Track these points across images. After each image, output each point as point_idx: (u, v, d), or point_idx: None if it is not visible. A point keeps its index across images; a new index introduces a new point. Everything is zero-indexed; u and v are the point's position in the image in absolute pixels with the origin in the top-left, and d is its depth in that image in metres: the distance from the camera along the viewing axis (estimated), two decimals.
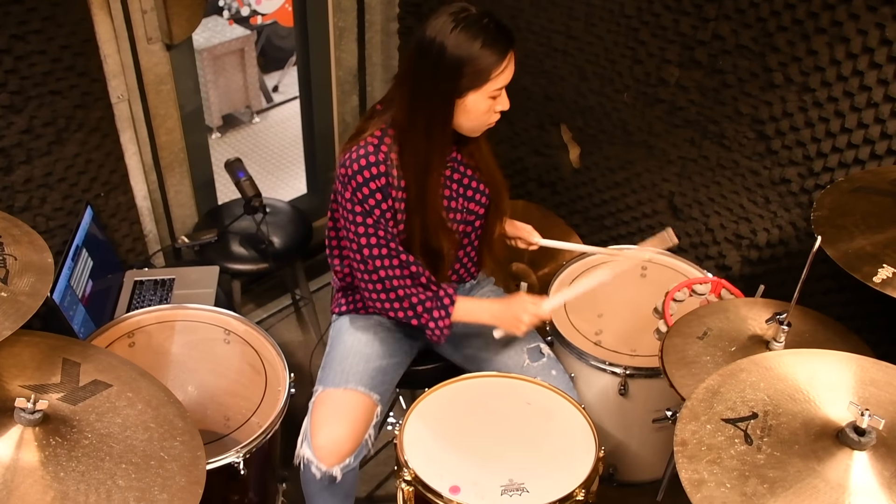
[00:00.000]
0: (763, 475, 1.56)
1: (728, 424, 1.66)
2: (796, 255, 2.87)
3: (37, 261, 1.89)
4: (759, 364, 1.79)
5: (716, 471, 1.58)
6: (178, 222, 3.57)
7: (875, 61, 2.46)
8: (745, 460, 1.59)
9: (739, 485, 1.55)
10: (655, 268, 2.94)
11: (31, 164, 2.80)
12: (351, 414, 2.42)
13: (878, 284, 2.02)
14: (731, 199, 3.00)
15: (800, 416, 1.66)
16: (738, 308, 2.33)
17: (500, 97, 2.26)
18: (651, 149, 3.14)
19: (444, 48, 2.14)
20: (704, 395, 1.73)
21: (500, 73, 2.19)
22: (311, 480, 2.44)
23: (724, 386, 1.74)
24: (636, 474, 2.85)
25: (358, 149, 2.28)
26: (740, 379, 1.76)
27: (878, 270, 2.04)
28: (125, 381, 1.89)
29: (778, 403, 1.69)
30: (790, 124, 2.72)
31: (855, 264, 2.07)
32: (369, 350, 2.55)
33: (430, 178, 2.32)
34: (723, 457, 1.61)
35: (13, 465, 1.58)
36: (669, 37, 2.90)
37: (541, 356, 2.60)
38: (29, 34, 2.64)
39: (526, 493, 2.08)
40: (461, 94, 2.20)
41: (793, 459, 1.58)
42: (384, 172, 2.27)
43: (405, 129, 2.28)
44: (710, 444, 1.63)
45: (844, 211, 2.26)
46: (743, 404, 1.70)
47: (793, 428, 1.64)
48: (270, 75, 6.32)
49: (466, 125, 2.29)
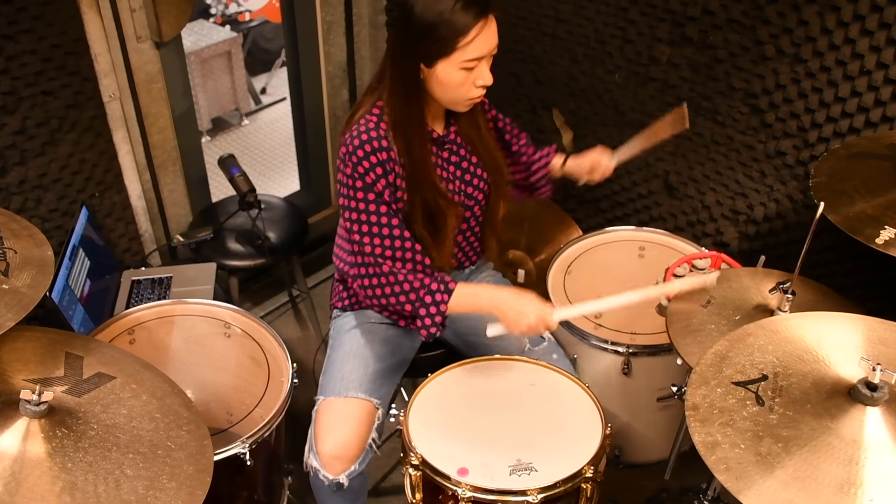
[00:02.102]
0: (777, 434, 1.56)
1: (739, 387, 1.66)
2: (794, 227, 2.87)
3: (37, 254, 1.89)
4: (766, 328, 1.79)
5: (729, 433, 1.58)
6: (173, 221, 3.56)
7: (867, 28, 2.46)
8: (758, 421, 1.60)
9: (754, 445, 1.55)
10: (653, 247, 2.93)
11: (25, 165, 2.79)
12: (353, 422, 2.41)
13: (882, 246, 2.01)
14: (726, 175, 3.00)
15: (810, 375, 1.67)
16: (741, 277, 2.33)
17: (478, 69, 2.18)
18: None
19: (413, 12, 2.09)
20: (713, 360, 1.73)
21: (468, 41, 2.10)
22: (321, 487, 2.45)
23: (732, 350, 1.75)
24: (642, 455, 2.84)
25: (358, 126, 2.25)
26: (748, 343, 1.76)
27: (881, 232, 2.04)
28: (129, 373, 1.89)
29: (787, 365, 1.69)
30: (783, 96, 2.72)
31: (857, 227, 2.07)
32: (369, 352, 2.53)
33: (414, 144, 2.27)
34: (735, 419, 1.61)
35: (20, 457, 1.58)
36: (659, 14, 2.90)
37: (542, 340, 2.60)
38: (19, 34, 2.64)
39: (535, 472, 2.08)
40: (430, 61, 2.15)
41: (806, 418, 1.58)
42: (385, 147, 2.23)
43: (389, 99, 2.25)
44: (721, 406, 1.64)
45: (843, 177, 2.26)
46: (752, 367, 1.70)
47: (804, 388, 1.64)
48: (258, 77, 6.33)
49: (444, 97, 2.24)
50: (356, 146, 2.23)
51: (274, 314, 4.02)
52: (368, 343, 2.55)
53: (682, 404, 2.57)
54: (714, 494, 2.48)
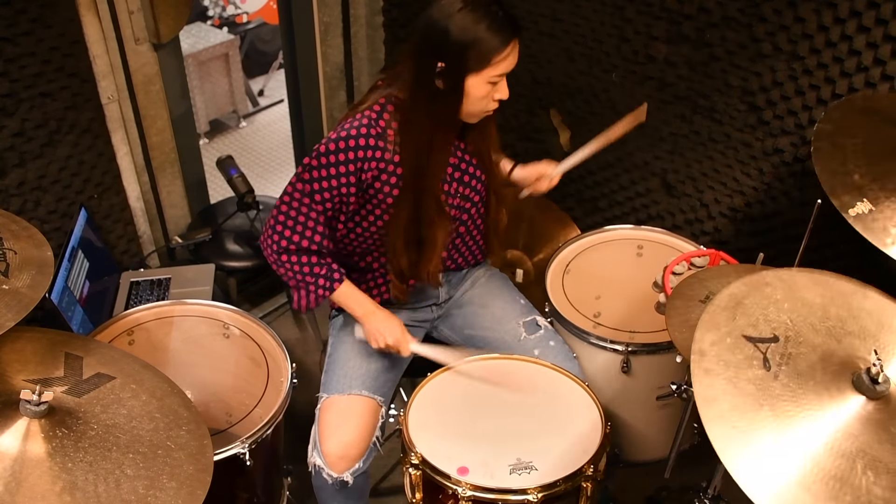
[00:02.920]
0: (776, 407, 1.55)
1: (748, 343, 1.63)
2: (792, 224, 2.87)
3: (37, 255, 1.89)
4: (786, 280, 1.76)
5: (729, 391, 1.57)
6: (171, 223, 3.56)
7: (863, 25, 2.46)
8: (761, 385, 1.58)
9: (752, 412, 1.54)
10: (652, 246, 2.93)
11: (24, 167, 2.80)
12: (357, 420, 2.42)
13: (852, 218, 1.98)
14: (724, 172, 3.00)
15: (819, 348, 1.64)
16: (740, 274, 2.32)
17: (500, 85, 2.24)
18: (642, 127, 3.09)
19: (448, 31, 2.12)
20: (728, 303, 1.71)
21: (502, 59, 2.16)
22: (324, 486, 2.45)
23: (748, 297, 1.72)
24: (641, 454, 2.84)
25: (353, 120, 2.26)
26: (765, 294, 1.73)
27: (857, 203, 2.00)
28: (128, 373, 1.89)
29: (800, 332, 1.67)
30: (780, 94, 2.72)
31: (836, 190, 2.03)
32: (370, 350, 2.53)
33: (432, 160, 2.31)
34: (739, 377, 1.59)
35: (21, 457, 1.58)
36: (655, 13, 2.91)
37: (538, 328, 2.61)
38: (18, 36, 2.64)
39: (535, 470, 2.08)
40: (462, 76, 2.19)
41: (807, 395, 1.57)
42: (376, 146, 2.25)
43: (407, 107, 2.27)
44: (727, 360, 1.61)
45: (849, 132, 2.19)
46: (765, 323, 1.67)
47: (811, 361, 1.62)
48: (255, 80, 6.32)
49: (463, 109, 2.27)
50: (333, 138, 2.25)
51: (272, 315, 4.01)
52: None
53: (681, 402, 2.58)
54: (714, 493, 2.48)
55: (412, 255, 2.43)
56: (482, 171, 2.50)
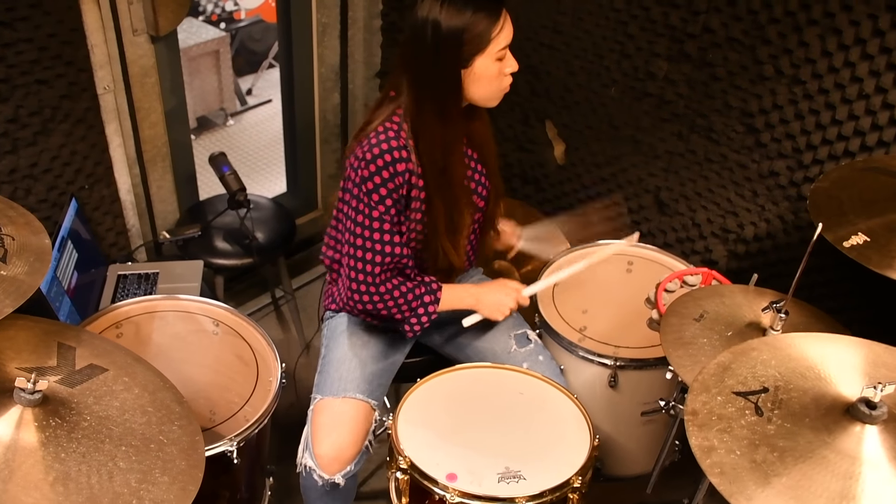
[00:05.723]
0: (773, 444, 1.57)
1: (739, 397, 1.67)
2: (784, 248, 2.89)
3: (34, 241, 1.87)
4: (770, 344, 1.80)
5: (726, 439, 1.60)
6: (160, 218, 3.53)
7: (867, 52, 2.49)
8: (756, 430, 1.61)
9: (749, 452, 1.57)
10: (642, 262, 2.94)
11: (16, 154, 2.77)
12: (351, 422, 2.41)
13: (847, 249, 2.05)
14: (718, 193, 3.02)
15: (810, 391, 1.67)
16: (734, 294, 2.34)
17: (507, 58, 2.26)
18: (638, 144, 3.15)
19: (439, 23, 2.15)
20: (716, 370, 1.74)
21: (499, 31, 2.19)
22: (313, 487, 2.44)
23: (735, 362, 1.75)
24: (623, 469, 2.85)
25: (377, 134, 2.26)
26: (751, 357, 1.77)
27: (851, 236, 2.07)
28: (120, 365, 1.87)
29: (789, 380, 1.70)
30: (780, 117, 2.74)
31: (831, 225, 2.11)
32: (365, 353, 2.54)
33: (453, 156, 2.34)
34: (733, 426, 1.62)
35: (13, 445, 1.56)
36: (659, 30, 2.92)
37: (528, 342, 2.62)
38: (16, 21, 2.62)
39: (523, 480, 2.08)
40: (467, 63, 2.21)
41: (804, 431, 1.59)
42: (405, 158, 2.26)
43: (416, 115, 2.27)
44: (720, 414, 1.65)
45: (845, 185, 2.28)
46: (754, 379, 1.71)
47: (803, 402, 1.65)
48: (244, 78, 6.30)
49: (481, 94, 2.29)
50: (376, 154, 2.24)
51: (256, 315, 3.99)
52: (364, 344, 2.55)
53: (666, 419, 2.59)
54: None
55: (449, 246, 2.45)
56: (485, 176, 2.52)
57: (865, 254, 2.04)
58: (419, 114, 2.26)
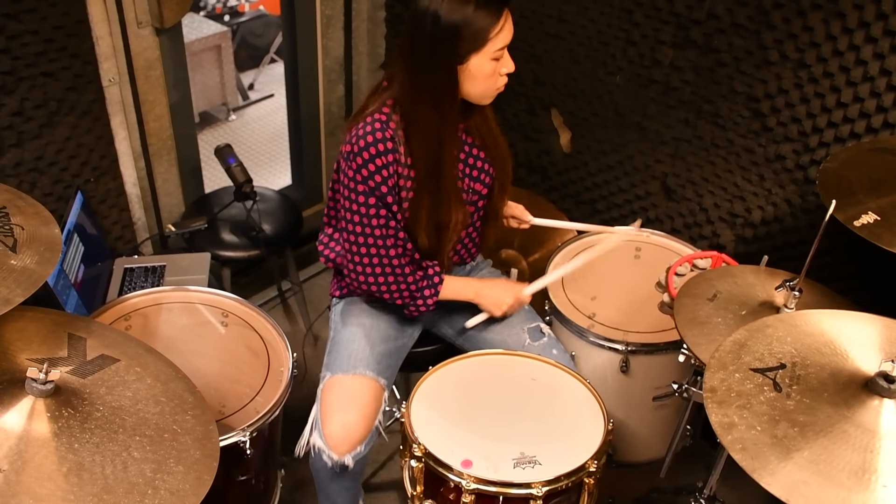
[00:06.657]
0: (793, 419, 1.58)
1: (756, 374, 1.68)
2: (791, 231, 2.88)
3: (45, 232, 1.87)
4: (786, 321, 1.80)
5: (745, 415, 1.60)
6: (165, 211, 3.53)
7: (871, 35, 2.48)
8: (775, 406, 1.62)
9: (770, 428, 1.58)
10: (649, 248, 2.94)
11: (21, 147, 2.76)
12: (361, 400, 2.40)
13: (858, 228, 2.06)
14: (725, 178, 3.01)
15: (828, 367, 1.68)
16: (746, 274, 2.35)
17: (504, 58, 2.25)
18: (644, 130, 3.14)
19: (439, 16, 2.13)
20: (732, 348, 1.75)
21: (498, 31, 2.17)
22: (323, 468, 2.41)
23: (750, 339, 1.76)
24: (635, 455, 2.85)
25: (364, 125, 2.25)
26: (767, 334, 1.77)
27: (861, 215, 2.09)
28: (132, 356, 1.87)
29: (806, 356, 1.71)
30: (785, 101, 2.73)
31: (842, 206, 2.12)
32: (374, 333, 2.53)
33: (445, 151, 2.31)
34: (752, 402, 1.63)
35: (25, 436, 1.55)
36: (664, 17, 2.91)
37: (541, 336, 2.60)
38: (22, 13, 2.61)
39: (538, 465, 2.08)
40: (462, 59, 2.19)
41: (822, 406, 1.60)
42: (391, 149, 2.25)
43: (410, 104, 2.26)
44: (738, 390, 1.65)
45: (854, 165, 2.30)
46: (770, 356, 1.72)
47: (821, 378, 1.66)
48: (246, 73, 6.28)
49: (474, 91, 2.28)
50: (362, 147, 2.24)
51: (262, 308, 3.96)
52: (374, 324, 2.56)
53: (677, 404, 2.60)
54: (710, 493, 2.48)
55: (432, 241, 2.43)
56: (489, 163, 2.49)
57: (876, 232, 2.06)
58: (414, 103, 2.25)
